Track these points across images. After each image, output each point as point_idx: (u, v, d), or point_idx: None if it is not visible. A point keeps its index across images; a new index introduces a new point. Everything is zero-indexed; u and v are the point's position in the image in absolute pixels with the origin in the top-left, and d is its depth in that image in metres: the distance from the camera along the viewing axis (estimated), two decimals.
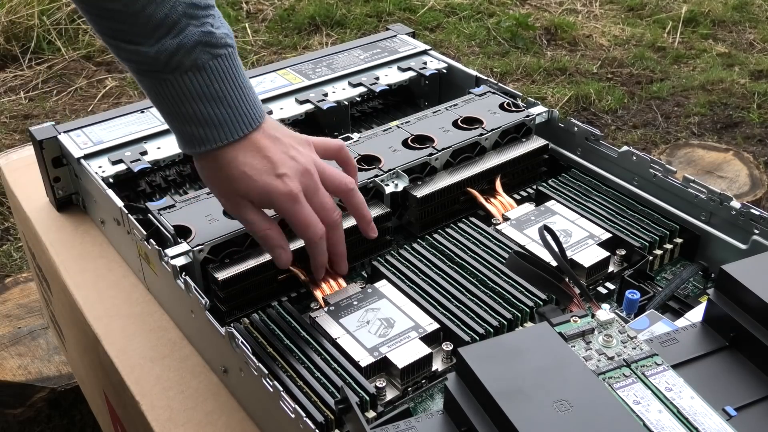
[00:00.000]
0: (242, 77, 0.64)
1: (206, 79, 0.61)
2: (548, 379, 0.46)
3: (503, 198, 0.82)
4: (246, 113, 0.63)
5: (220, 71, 0.62)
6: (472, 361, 0.47)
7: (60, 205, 0.89)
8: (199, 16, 0.60)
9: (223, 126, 0.62)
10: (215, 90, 0.62)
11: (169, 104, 0.62)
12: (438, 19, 2.85)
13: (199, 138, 0.63)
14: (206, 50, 0.60)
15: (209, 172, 0.65)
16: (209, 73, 0.61)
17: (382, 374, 0.62)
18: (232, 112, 0.62)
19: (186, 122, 0.62)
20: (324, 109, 0.91)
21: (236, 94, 0.63)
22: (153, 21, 0.58)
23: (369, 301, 0.67)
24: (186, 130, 0.63)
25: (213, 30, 0.61)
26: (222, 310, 0.69)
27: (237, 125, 0.63)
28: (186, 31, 0.59)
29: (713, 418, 0.46)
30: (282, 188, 0.63)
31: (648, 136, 2.23)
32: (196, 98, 0.61)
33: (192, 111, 0.62)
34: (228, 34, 0.62)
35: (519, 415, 0.44)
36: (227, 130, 0.62)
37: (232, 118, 0.62)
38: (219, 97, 0.62)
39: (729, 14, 2.89)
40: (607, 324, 0.53)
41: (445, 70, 0.99)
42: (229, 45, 0.62)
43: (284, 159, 0.64)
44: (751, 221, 0.71)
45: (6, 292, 1.48)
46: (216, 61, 0.61)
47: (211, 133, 0.62)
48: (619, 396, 0.48)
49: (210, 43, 0.61)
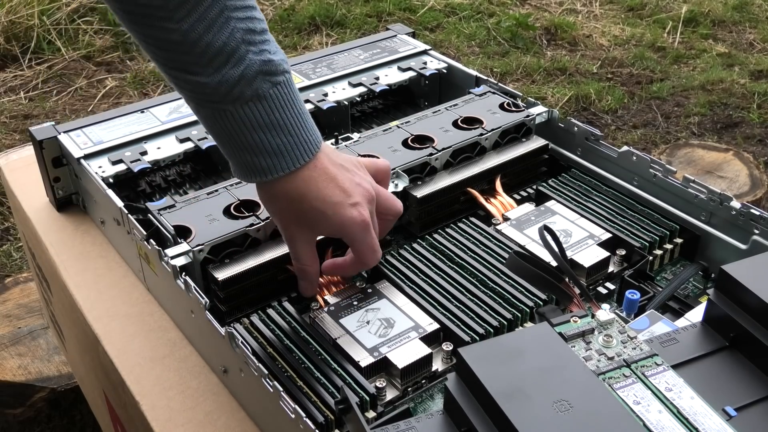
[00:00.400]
0: (300, 103, 0.62)
1: (267, 109, 0.60)
2: (548, 379, 0.46)
3: (503, 198, 0.82)
4: (306, 140, 0.62)
5: (280, 99, 0.60)
6: (472, 361, 0.47)
7: (60, 205, 0.89)
8: (256, 42, 0.59)
9: (284, 155, 0.61)
10: (276, 119, 0.60)
11: (228, 134, 0.61)
12: (438, 19, 2.85)
13: (261, 168, 0.61)
14: (266, 79, 0.59)
15: (277, 203, 0.64)
16: (270, 102, 0.60)
17: (382, 374, 0.62)
18: (292, 140, 0.61)
19: (246, 152, 0.61)
20: (324, 109, 0.91)
21: (296, 122, 0.61)
22: (211, 50, 0.57)
23: (369, 301, 0.67)
24: (246, 159, 0.61)
25: (272, 57, 0.59)
26: (222, 310, 0.69)
27: (298, 153, 0.61)
28: (246, 60, 0.58)
29: (713, 418, 0.46)
30: (358, 218, 0.63)
31: (648, 136, 2.23)
32: (257, 128, 0.60)
33: (253, 141, 0.60)
34: (284, 60, 0.61)
35: (519, 416, 0.44)
36: (289, 159, 0.61)
37: (293, 146, 0.61)
38: (280, 125, 0.60)
39: (729, 14, 2.89)
40: (607, 324, 0.53)
41: (445, 70, 0.99)
42: (286, 71, 0.61)
43: (354, 187, 0.63)
44: (751, 221, 0.71)
45: (6, 292, 1.48)
46: (276, 89, 0.60)
47: (273, 162, 0.61)
48: (619, 396, 0.48)
49: (270, 72, 0.59)
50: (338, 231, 0.64)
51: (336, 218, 0.62)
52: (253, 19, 0.59)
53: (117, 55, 2.55)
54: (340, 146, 0.82)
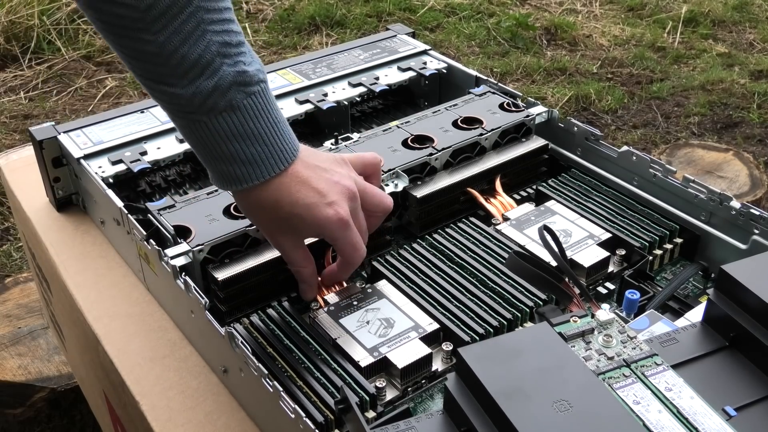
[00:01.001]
0: (275, 112, 0.62)
1: (241, 119, 0.60)
2: (548, 379, 0.46)
3: (503, 198, 0.82)
4: (282, 148, 0.62)
5: (255, 109, 0.61)
6: (471, 361, 0.47)
7: (60, 205, 0.89)
8: (231, 54, 0.59)
9: (259, 164, 0.61)
10: (250, 129, 0.60)
11: (203, 144, 0.61)
12: (438, 19, 2.84)
13: (236, 177, 0.62)
14: (241, 90, 0.59)
15: (255, 212, 0.65)
16: (244, 113, 0.60)
17: (382, 374, 0.62)
18: (268, 149, 0.61)
19: (221, 161, 0.61)
20: (324, 109, 0.91)
21: (271, 131, 0.62)
22: (187, 62, 0.57)
23: (369, 301, 0.67)
24: (222, 169, 0.62)
25: (246, 68, 0.60)
26: (222, 310, 0.69)
27: (273, 161, 0.62)
28: (220, 72, 0.58)
29: (713, 418, 0.46)
30: (334, 217, 0.63)
31: (648, 136, 2.23)
32: (231, 138, 0.60)
33: (227, 150, 0.61)
34: (260, 70, 0.61)
35: (519, 415, 0.44)
36: (264, 168, 0.61)
37: (268, 155, 0.61)
38: (254, 135, 0.61)
39: (729, 14, 2.89)
40: (606, 324, 0.53)
41: (444, 70, 0.99)
42: (261, 81, 0.61)
43: (330, 186, 0.64)
44: (751, 221, 0.71)
45: (6, 292, 1.48)
46: (250, 100, 0.60)
47: (248, 171, 0.61)
48: (618, 396, 0.48)
49: (244, 82, 0.59)
50: (318, 232, 0.64)
51: (312, 219, 0.63)
52: (230, 32, 0.59)
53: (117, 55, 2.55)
54: (340, 146, 0.82)
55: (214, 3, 0.58)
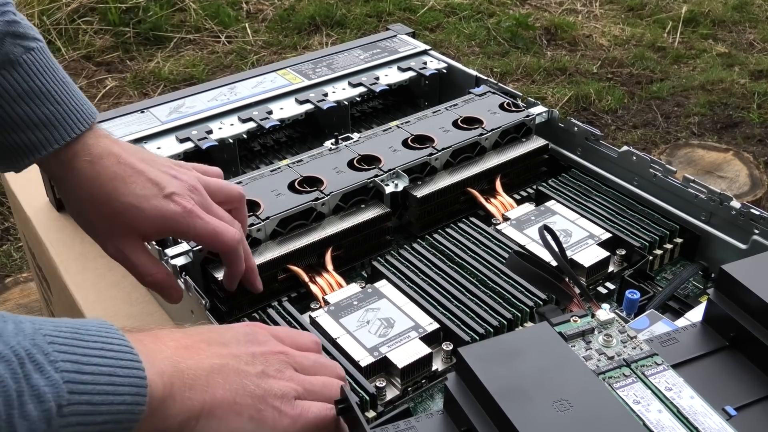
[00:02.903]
0: (62, 72, 0.58)
1: (24, 75, 0.55)
2: (548, 378, 0.46)
3: (503, 198, 0.82)
4: (77, 109, 0.57)
5: (37, 65, 0.55)
6: (472, 360, 0.47)
7: (60, 205, 0.89)
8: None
9: (55, 125, 0.56)
10: (37, 86, 0.55)
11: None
12: (438, 19, 2.84)
13: (29, 144, 0.56)
14: (16, 42, 0.54)
15: (88, 210, 0.59)
16: (26, 68, 0.55)
17: (382, 374, 0.62)
18: (62, 108, 0.56)
19: (12, 131, 0.55)
20: (324, 109, 0.91)
21: (60, 90, 0.56)
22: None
23: (369, 301, 0.67)
24: (14, 140, 0.56)
25: (17, 19, 0.55)
26: (222, 310, 0.69)
27: (70, 123, 0.56)
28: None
29: (713, 417, 0.46)
30: (176, 208, 0.58)
31: (648, 136, 2.23)
32: (16, 98, 0.55)
33: (15, 114, 0.55)
34: (32, 26, 0.56)
35: (519, 415, 0.44)
36: (61, 130, 0.56)
37: (63, 115, 0.56)
38: (43, 93, 0.55)
39: (729, 14, 2.89)
40: (607, 324, 0.53)
41: (445, 70, 0.99)
42: (38, 39, 0.57)
43: (167, 179, 0.59)
44: (751, 221, 0.71)
45: (6, 292, 1.48)
46: (30, 55, 0.55)
47: (44, 135, 0.55)
48: (619, 396, 0.48)
49: (18, 34, 0.55)
50: (161, 225, 0.58)
51: (154, 211, 0.57)
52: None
53: (117, 55, 2.55)
54: (340, 146, 0.82)
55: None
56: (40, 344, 0.39)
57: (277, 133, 0.95)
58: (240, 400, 0.47)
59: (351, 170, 0.78)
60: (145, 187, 0.58)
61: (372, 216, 0.75)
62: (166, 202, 0.58)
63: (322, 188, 0.75)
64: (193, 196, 0.59)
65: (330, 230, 0.73)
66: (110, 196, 0.57)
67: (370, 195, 0.77)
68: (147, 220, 0.58)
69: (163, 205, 0.58)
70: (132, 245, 0.59)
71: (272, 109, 0.90)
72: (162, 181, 0.58)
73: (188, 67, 2.48)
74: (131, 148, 0.60)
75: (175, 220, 0.58)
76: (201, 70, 2.46)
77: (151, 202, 0.57)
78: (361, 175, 0.77)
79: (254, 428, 0.46)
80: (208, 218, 0.59)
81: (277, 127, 0.91)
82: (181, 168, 0.62)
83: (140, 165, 0.58)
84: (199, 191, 0.60)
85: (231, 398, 0.46)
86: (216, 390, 0.46)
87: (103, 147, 0.58)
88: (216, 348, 0.49)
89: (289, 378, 0.50)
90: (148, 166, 0.59)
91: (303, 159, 0.80)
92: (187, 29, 2.69)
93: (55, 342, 0.39)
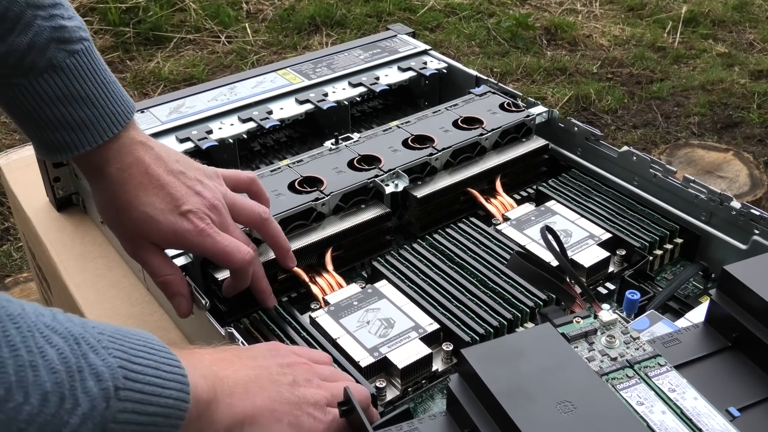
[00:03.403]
0: (104, 72, 0.58)
1: (65, 80, 0.56)
2: (551, 380, 0.46)
3: (503, 198, 0.82)
4: (112, 112, 0.58)
5: (80, 69, 0.56)
6: (474, 362, 0.47)
7: (60, 205, 0.89)
8: (44, 5, 0.54)
9: (89, 128, 0.57)
10: (76, 90, 0.56)
11: (25, 111, 0.56)
12: (438, 19, 2.84)
13: (63, 144, 0.57)
14: (61, 47, 0.55)
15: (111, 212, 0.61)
16: (67, 73, 0.56)
17: (382, 374, 0.62)
18: (98, 111, 0.57)
19: (47, 129, 0.57)
20: (324, 109, 0.91)
21: (100, 92, 0.57)
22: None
23: (369, 301, 0.67)
24: (48, 137, 0.57)
25: (65, 23, 0.55)
26: (222, 311, 0.69)
27: (104, 126, 0.57)
28: (34, 26, 0.54)
29: (717, 419, 0.46)
30: (188, 226, 0.59)
31: (648, 136, 2.23)
32: (56, 101, 0.56)
33: (53, 115, 0.56)
34: (81, 26, 0.57)
35: (522, 417, 0.43)
36: (95, 132, 0.57)
37: (99, 117, 0.57)
38: (81, 97, 0.56)
39: (729, 14, 2.89)
40: (609, 325, 0.53)
41: (445, 70, 0.99)
42: (84, 39, 0.57)
43: (188, 195, 0.60)
44: (751, 221, 0.71)
45: (6, 292, 1.48)
46: (74, 59, 0.56)
47: (77, 137, 0.57)
48: (622, 397, 0.47)
49: (64, 39, 0.55)
50: (173, 240, 0.60)
51: (165, 225, 0.59)
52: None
53: (117, 55, 2.54)
54: (340, 146, 0.82)
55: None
56: (90, 332, 0.41)
57: (277, 133, 0.94)
58: (278, 407, 0.49)
59: (351, 170, 0.78)
60: (164, 200, 0.59)
61: (372, 216, 0.75)
62: (180, 219, 0.59)
63: (322, 188, 0.75)
64: (210, 214, 0.61)
65: (330, 230, 0.73)
66: (132, 204, 0.59)
67: (370, 195, 0.76)
68: (160, 232, 0.60)
69: (177, 221, 0.59)
70: (147, 248, 0.61)
71: (272, 109, 0.90)
72: (182, 196, 0.60)
73: (188, 67, 2.48)
74: (163, 156, 0.61)
75: (185, 237, 0.60)
76: (201, 70, 2.46)
77: (167, 216, 0.59)
78: (361, 175, 0.76)
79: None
80: (219, 237, 0.60)
81: (277, 127, 0.91)
82: (210, 181, 0.63)
83: (165, 177, 0.60)
84: (218, 210, 0.61)
85: (270, 405, 0.49)
86: (255, 398, 0.49)
87: (134, 155, 0.60)
88: (246, 360, 0.52)
89: (317, 386, 0.52)
90: (174, 179, 0.60)
91: (303, 159, 0.80)
92: (187, 29, 2.69)
93: (103, 333, 0.41)
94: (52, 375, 0.38)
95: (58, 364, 0.38)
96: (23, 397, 0.36)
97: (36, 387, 0.37)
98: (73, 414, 0.38)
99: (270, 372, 0.51)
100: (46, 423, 0.37)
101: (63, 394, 0.38)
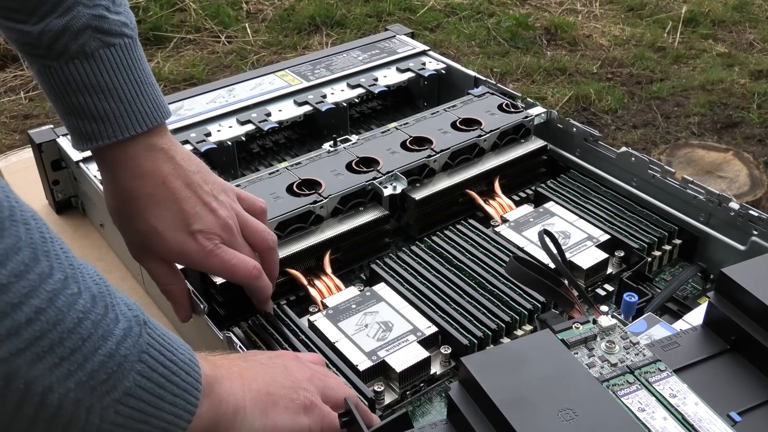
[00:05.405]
0: (141, 71, 0.57)
1: (94, 69, 0.55)
2: (552, 387, 0.46)
3: (502, 199, 0.81)
4: (141, 110, 0.57)
5: (113, 62, 0.55)
6: (475, 370, 0.47)
7: (59, 207, 0.89)
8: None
9: (111, 121, 0.56)
10: (105, 81, 0.55)
11: (56, 94, 0.56)
12: (438, 19, 2.84)
13: (85, 133, 0.57)
14: (96, 36, 0.54)
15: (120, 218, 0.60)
16: (98, 63, 0.55)
17: (381, 378, 0.62)
18: (123, 107, 0.56)
19: (73, 115, 0.56)
20: (322, 111, 0.91)
21: (131, 88, 0.56)
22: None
23: (367, 304, 0.67)
24: (75, 124, 0.57)
25: (106, 14, 0.55)
26: (221, 314, 0.68)
27: (128, 121, 0.56)
28: (74, 11, 0.53)
29: (718, 424, 0.46)
30: (195, 247, 0.58)
31: (648, 136, 2.23)
32: (83, 89, 0.55)
33: (78, 103, 0.56)
34: (127, 23, 0.56)
35: (524, 425, 0.43)
36: (117, 126, 0.56)
37: (123, 113, 0.56)
38: (109, 89, 0.55)
39: (729, 14, 2.89)
40: (609, 330, 0.53)
41: (443, 70, 0.99)
42: (126, 35, 0.56)
43: (203, 212, 0.59)
44: (750, 222, 0.71)
45: None
46: (108, 51, 0.55)
47: (97, 128, 0.56)
48: (623, 403, 0.47)
49: (102, 29, 0.54)
50: (179, 257, 0.60)
51: (175, 243, 0.58)
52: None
53: None
54: (338, 148, 0.82)
55: None
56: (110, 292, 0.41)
57: (275, 135, 0.94)
58: (274, 391, 0.50)
59: (349, 173, 0.78)
60: (175, 216, 0.58)
61: (370, 218, 0.75)
62: (188, 239, 0.58)
63: (321, 191, 0.74)
64: (221, 234, 0.60)
65: (328, 233, 0.73)
66: (141, 214, 0.58)
67: (368, 197, 0.76)
68: (166, 248, 0.58)
69: (185, 240, 0.58)
70: (152, 258, 0.61)
71: (271, 111, 0.90)
72: (194, 215, 0.58)
73: (188, 67, 2.48)
74: (183, 167, 0.59)
75: (191, 257, 0.59)
76: (201, 70, 2.45)
77: (175, 234, 0.58)
78: (360, 178, 0.76)
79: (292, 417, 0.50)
80: (227, 256, 0.60)
81: (276, 129, 0.91)
82: (226, 198, 0.62)
83: (182, 191, 0.58)
84: (230, 229, 0.60)
85: (265, 389, 0.50)
86: (251, 383, 0.50)
87: (153, 163, 0.58)
88: (238, 359, 0.53)
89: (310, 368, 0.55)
90: (191, 193, 0.59)
91: (301, 161, 0.80)
92: (187, 29, 2.68)
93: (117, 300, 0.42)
94: (95, 285, 0.39)
95: (97, 279, 0.40)
96: (78, 288, 0.38)
97: (86, 287, 0.38)
98: (117, 326, 0.39)
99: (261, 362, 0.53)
100: (98, 323, 0.38)
101: (106, 303, 0.39)
